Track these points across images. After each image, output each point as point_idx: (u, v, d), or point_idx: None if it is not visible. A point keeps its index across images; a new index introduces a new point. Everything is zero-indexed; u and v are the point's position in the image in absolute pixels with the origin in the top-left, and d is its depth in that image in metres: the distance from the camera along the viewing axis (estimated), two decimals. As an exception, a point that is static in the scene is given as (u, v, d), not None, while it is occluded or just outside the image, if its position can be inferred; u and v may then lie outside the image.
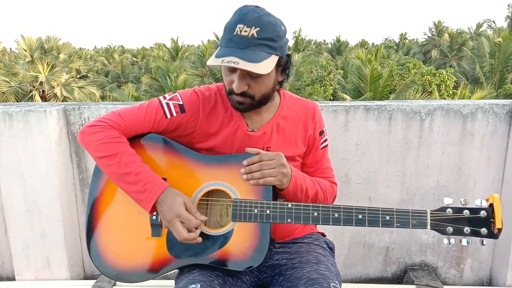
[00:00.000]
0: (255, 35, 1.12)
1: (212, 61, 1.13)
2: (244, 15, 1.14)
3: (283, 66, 1.25)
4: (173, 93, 1.32)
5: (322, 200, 1.32)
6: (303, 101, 1.39)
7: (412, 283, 2.17)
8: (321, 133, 1.38)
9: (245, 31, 1.12)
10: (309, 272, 1.19)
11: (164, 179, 1.23)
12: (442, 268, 2.28)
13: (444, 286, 2.16)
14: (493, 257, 2.26)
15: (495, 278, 2.26)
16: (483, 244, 1.12)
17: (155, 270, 1.22)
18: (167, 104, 1.27)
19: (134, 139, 1.28)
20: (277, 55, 1.16)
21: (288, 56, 1.24)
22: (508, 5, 31.92)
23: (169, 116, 1.26)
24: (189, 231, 1.14)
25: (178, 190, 1.21)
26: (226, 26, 1.17)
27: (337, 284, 1.16)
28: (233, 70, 1.17)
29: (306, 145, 1.35)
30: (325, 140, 1.40)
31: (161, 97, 1.30)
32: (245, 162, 1.19)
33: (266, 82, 1.19)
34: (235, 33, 1.13)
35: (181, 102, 1.28)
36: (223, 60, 1.11)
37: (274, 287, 1.23)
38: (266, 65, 1.13)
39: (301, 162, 1.37)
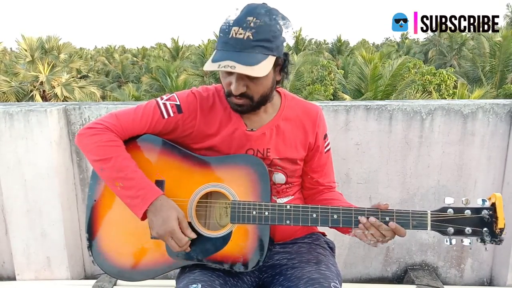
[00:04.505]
0: (251, 37, 1.10)
1: (208, 66, 1.12)
2: (239, 19, 1.12)
3: (281, 66, 1.24)
4: (171, 94, 1.31)
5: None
6: (305, 103, 1.37)
7: (412, 283, 2.16)
8: (325, 137, 1.38)
9: (240, 34, 1.11)
10: (309, 272, 1.19)
11: (162, 181, 1.23)
12: (443, 268, 2.28)
13: (444, 286, 2.16)
14: (494, 257, 2.26)
15: (495, 278, 2.26)
16: (485, 245, 1.09)
17: (156, 270, 1.22)
18: (164, 104, 1.27)
19: (131, 141, 1.27)
20: (274, 55, 1.15)
21: (286, 54, 1.23)
22: (507, 5, 31.85)
23: (166, 116, 1.26)
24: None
25: (177, 191, 1.21)
26: (221, 27, 1.15)
27: (337, 284, 1.16)
28: (230, 72, 1.16)
29: (307, 150, 1.35)
30: (328, 144, 1.40)
31: (158, 98, 1.31)
32: (372, 220, 1.13)
33: (264, 83, 1.18)
34: (230, 36, 1.12)
35: (178, 103, 1.28)
36: (219, 65, 1.10)
37: (274, 287, 1.24)
38: (263, 67, 1.12)
39: (301, 166, 1.37)
